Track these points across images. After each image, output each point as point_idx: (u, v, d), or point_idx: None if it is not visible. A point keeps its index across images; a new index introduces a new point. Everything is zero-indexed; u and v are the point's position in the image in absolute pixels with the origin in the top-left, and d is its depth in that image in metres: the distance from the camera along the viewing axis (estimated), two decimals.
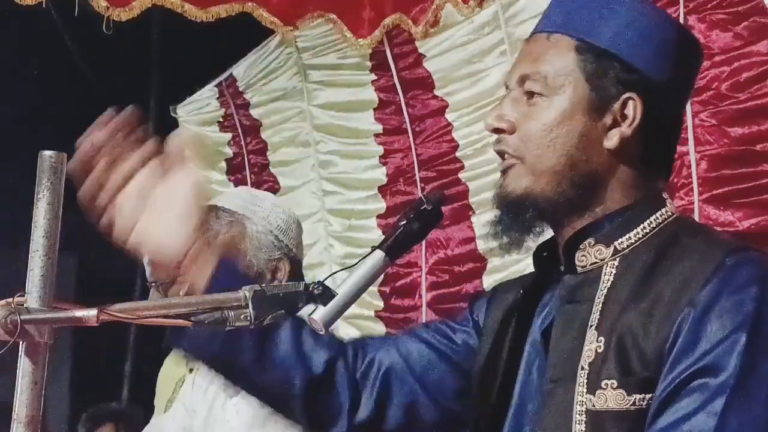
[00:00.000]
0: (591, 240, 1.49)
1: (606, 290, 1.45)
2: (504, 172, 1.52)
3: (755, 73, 2.84)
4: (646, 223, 1.48)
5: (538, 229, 1.53)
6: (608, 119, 1.48)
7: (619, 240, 1.47)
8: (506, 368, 1.55)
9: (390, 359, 1.67)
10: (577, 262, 1.50)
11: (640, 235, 1.47)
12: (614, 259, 1.47)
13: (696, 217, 2.94)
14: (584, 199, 1.49)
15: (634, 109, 1.47)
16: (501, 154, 1.53)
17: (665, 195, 1.53)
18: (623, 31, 1.48)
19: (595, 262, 1.48)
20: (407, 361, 1.67)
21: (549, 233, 1.56)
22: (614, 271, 1.46)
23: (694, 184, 2.97)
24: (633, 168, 1.49)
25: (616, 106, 1.47)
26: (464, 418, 1.68)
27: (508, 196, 1.51)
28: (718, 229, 2.86)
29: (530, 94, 1.50)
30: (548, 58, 1.50)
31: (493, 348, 1.60)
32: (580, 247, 1.49)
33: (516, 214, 1.50)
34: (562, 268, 1.53)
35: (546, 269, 1.58)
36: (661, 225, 1.48)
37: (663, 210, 1.50)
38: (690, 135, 2.98)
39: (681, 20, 2.98)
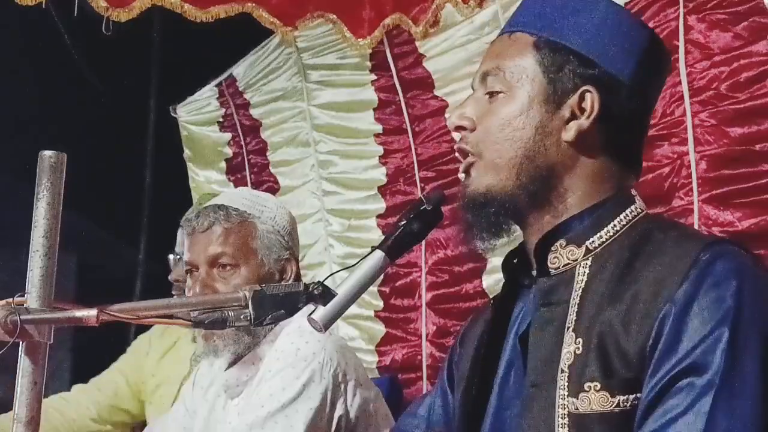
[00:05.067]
0: (562, 241, 1.49)
1: (581, 291, 1.45)
2: (466, 172, 1.54)
3: (755, 73, 2.84)
4: (616, 221, 1.48)
5: (505, 227, 1.53)
6: (566, 112, 1.49)
7: (591, 239, 1.48)
8: (483, 376, 1.56)
9: None
10: (549, 264, 1.50)
11: (611, 234, 1.48)
12: (587, 259, 1.47)
13: (696, 217, 2.94)
14: (546, 193, 1.49)
15: (591, 101, 1.48)
16: (463, 152, 1.55)
17: (633, 192, 1.54)
18: (584, 28, 1.50)
19: (568, 263, 1.48)
20: None
21: (519, 235, 1.56)
22: (587, 271, 1.46)
23: (694, 184, 2.96)
24: (595, 162, 1.50)
25: (574, 99, 1.49)
26: None
27: (470, 194, 1.52)
28: (718, 229, 2.86)
29: (491, 93, 1.52)
30: (508, 54, 1.53)
31: (471, 368, 1.61)
32: (552, 248, 1.50)
33: (480, 212, 1.51)
34: (534, 272, 1.53)
35: (517, 277, 1.58)
36: (631, 222, 1.49)
37: (632, 207, 1.50)
38: (690, 135, 2.98)
39: (681, 20, 2.98)
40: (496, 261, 3.78)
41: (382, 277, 3.64)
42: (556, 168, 1.49)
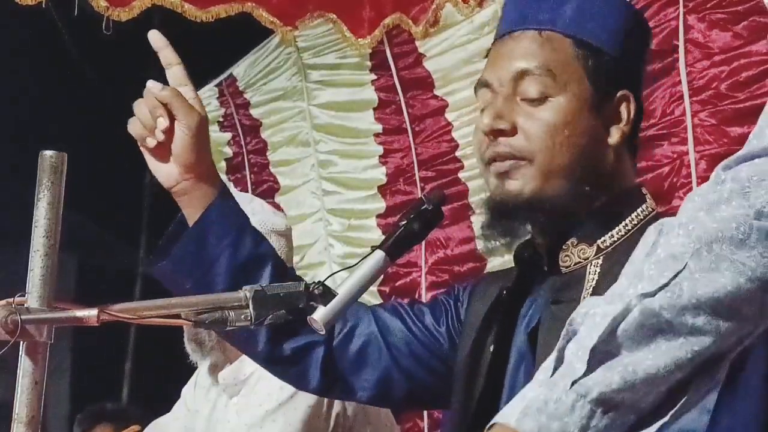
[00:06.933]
0: (574, 240, 1.48)
1: (591, 290, 1.44)
2: (506, 173, 1.49)
3: (754, 73, 2.84)
4: (627, 220, 1.48)
5: (522, 229, 1.52)
6: (606, 116, 1.49)
7: (602, 238, 1.47)
8: (492, 369, 1.55)
9: (368, 332, 1.66)
10: (560, 263, 1.49)
11: (623, 233, 1.47)
12: (598, 258, 1.47)
13: None
14: (591, 197, 1.48)
15: (628, 105, 1.48)
16: (503, 156, 1.49)
17: (644, 191, 1.53)
18: (611, 29, 1.49)
19: (579, 262, 1.48)
20: (385, 336, 1.67)
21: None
22: (598, 270, 1.46)
23: (694, 184, 2.97)
24: (625, 163, 1.51)
25: (613, 103, 1.49)
26: (435, 395, 1.67)
27: (514, 199, 1.48)
28: None
29: (535, 96, 1.47)
30: (546, 53, 1.48)
31: (475, 345, 1.58)
32: (563, 247, 1.49)
33: (525, 217, 1.48)
34: (545, 268, 1.52)
35: (528, 269, 1.57)
36: (643, 221, 1.48)
37: (643, 206, 1.50)
38: (689, 135, 2.98)
39: (680, 20, 2.98)
40: (495, 261, 3.78)
41: (382, 277, 3.64)
42: (604, 173, 1.48)
